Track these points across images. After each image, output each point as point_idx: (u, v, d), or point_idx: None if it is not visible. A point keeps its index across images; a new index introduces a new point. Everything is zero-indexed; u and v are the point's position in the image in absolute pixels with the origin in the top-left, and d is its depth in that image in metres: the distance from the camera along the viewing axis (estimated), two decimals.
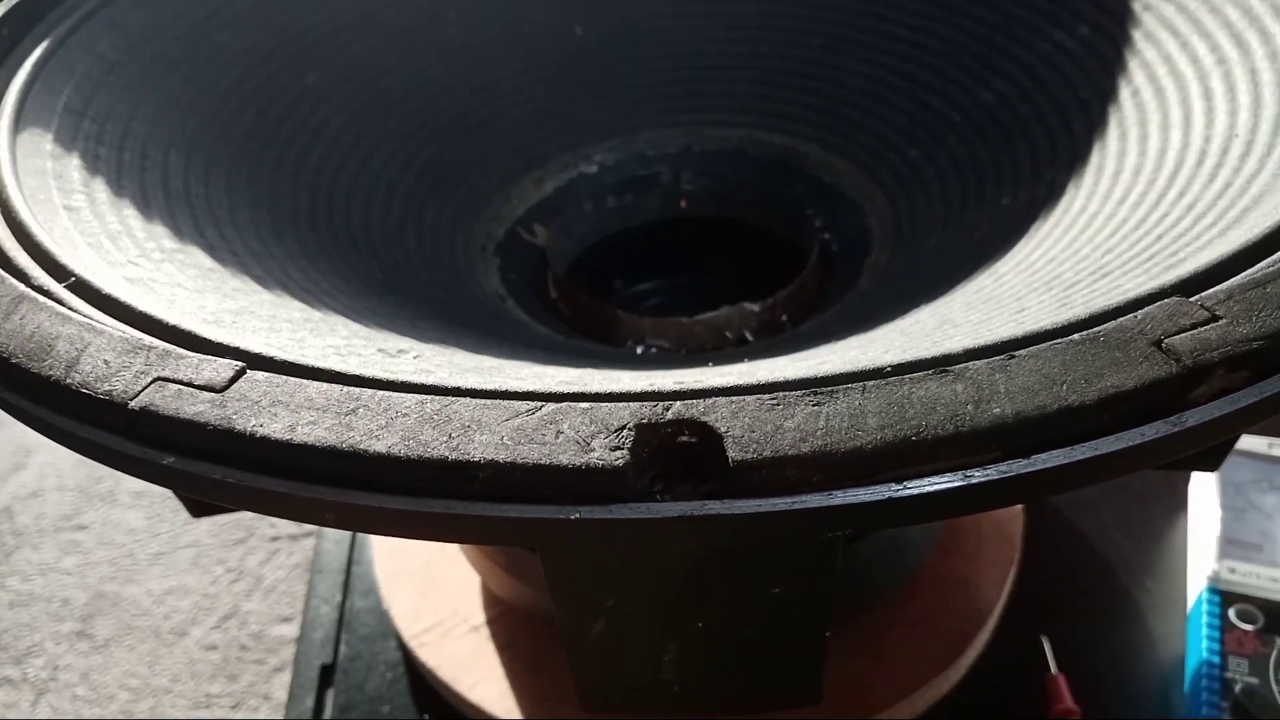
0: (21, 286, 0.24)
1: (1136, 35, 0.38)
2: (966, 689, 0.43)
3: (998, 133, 0.41)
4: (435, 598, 0.46)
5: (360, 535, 0.51)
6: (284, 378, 0.20)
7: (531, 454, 0.18)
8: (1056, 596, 0.46)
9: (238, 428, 0.19)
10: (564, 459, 0.18)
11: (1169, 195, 0.31)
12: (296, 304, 0.30)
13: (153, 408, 0.20)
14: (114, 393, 0.20)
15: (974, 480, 0.18)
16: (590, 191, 0.47)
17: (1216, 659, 0.39)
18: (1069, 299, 0.26)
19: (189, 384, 0.20)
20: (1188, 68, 0.36)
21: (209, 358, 0.21)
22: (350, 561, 0.50)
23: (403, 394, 0.20)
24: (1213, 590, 0.41)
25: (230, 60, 0.41)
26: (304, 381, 0.20)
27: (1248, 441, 0.47)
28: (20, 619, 1.12)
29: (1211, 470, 0.34)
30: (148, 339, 0.22)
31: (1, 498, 1.23)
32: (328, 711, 0.44)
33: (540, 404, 0.19)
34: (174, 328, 0.23)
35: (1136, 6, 0.38)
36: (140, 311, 0.24)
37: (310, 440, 0.19)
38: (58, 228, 0.29)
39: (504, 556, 0.41)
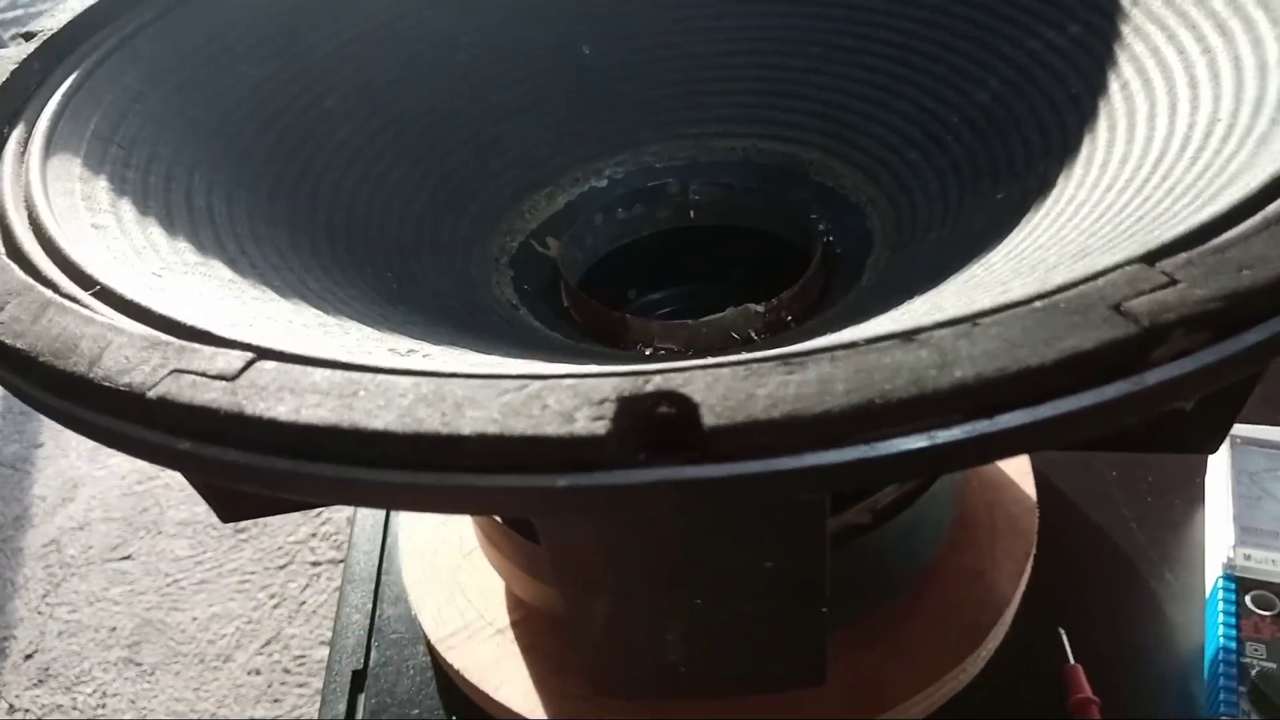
0: (49, 293, 0.25)
1: (1125, 30, 0.39)
2: (984, 682, 0.43)
3: (993, 131, 0.42)
4: (461, 602, 0.47)
5: (390, 545, 0.53)
6: (291, 365, 0.22)
7: (519, 426, 0.19)
8: (1073, 590, 0.46)
9: (247, 411, 0.21)
10: (549, 430, 0.19)
11: (1152, 180, 0.31)
12: (312, 310, 0.32)
13: (169, 396, 0.21)
14: (133, 384, 0.22)
15: (939, 440, 0.19)
16: (601, 204, 0.49)
17: (1233, 644, 0.39)
18: (1049, 280, 0.27)
19: (203, 374, 0.22)
20: (1174, 59, 0.36)
21: (223, 350, 0.22)
22: (380, 570, 0.51)
23: (401, 377, 0.21)
24: (1228, 577, 0.42)
25: (250, 87, 0.43)
26: (309, 369, 0.22)
27: (1261, 431, 0.47)
28: (70, 647, 1.14)
29: (1209, 453, 0.34)
30: (166, 337, 0.23)
31: (50, 530, 1.26)
32: (359, 715, 0.45)
33: (528, 382, 0.20)
34: (190, 327, 0.25)
35: (1125, 2, 0.39)
36: (159, 314, 0.26)
37: (314, 421, 0.20)
38: (85, 244, 0.30)
39: (524, 559, 0.43)
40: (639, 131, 0.50)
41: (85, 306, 0.25)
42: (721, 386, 0.19)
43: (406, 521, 0.52)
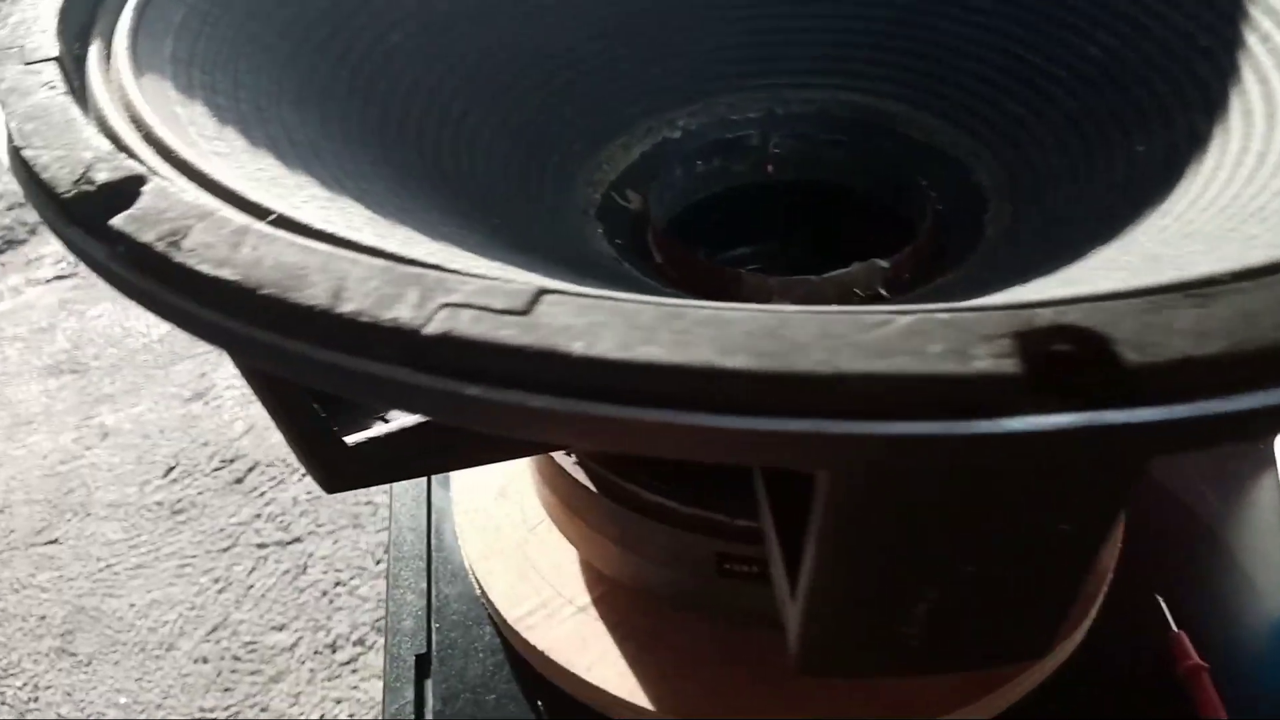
0: (237, 219, 0.22)
1: None
2: (1087, 652, 0.42)
3: (1110, 84, 0.40)
4: (534, 579, 0.44)
5: (437, 519, 0.49)
6: (589, 299, 0.19)
7: (911, 365, 0.17)
8: (1159, 557, 0.46)
9: (562, 349, 0.17)
10: (949, 369, 0.17)
11: None
12: (468, 254, 0.28)
13: (454, 334, 0.18)
14: (401, 320, 0.18)
15: None
16: (678, 157, 0.46)
17: None
18: None
19: (485, 309, 0.19)
20: None
21: (495, 281, 0.19)
22: (429, 548, 0.48)
23: (727, 311, 0.18)
24: None
25: (316, 17, 0.39)
26: (616, 301, 0.19)
27: None
28: None
29: None
30: (408, 268, 0.20)
31: None
32: (430, 703, 0.42)
33: (890, 317, 0.18)
34: (415, 260, 0.21)
35: None
36: (369, 246, 0.22)
37: (651, 359, 0.17)
38: (219, 171, 0.26)
39: (615, 529, 0.40)
40: (711, 81, 0.47)
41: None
42: (1130, 320, 0.17)
43: (458, 496, 0.49)
